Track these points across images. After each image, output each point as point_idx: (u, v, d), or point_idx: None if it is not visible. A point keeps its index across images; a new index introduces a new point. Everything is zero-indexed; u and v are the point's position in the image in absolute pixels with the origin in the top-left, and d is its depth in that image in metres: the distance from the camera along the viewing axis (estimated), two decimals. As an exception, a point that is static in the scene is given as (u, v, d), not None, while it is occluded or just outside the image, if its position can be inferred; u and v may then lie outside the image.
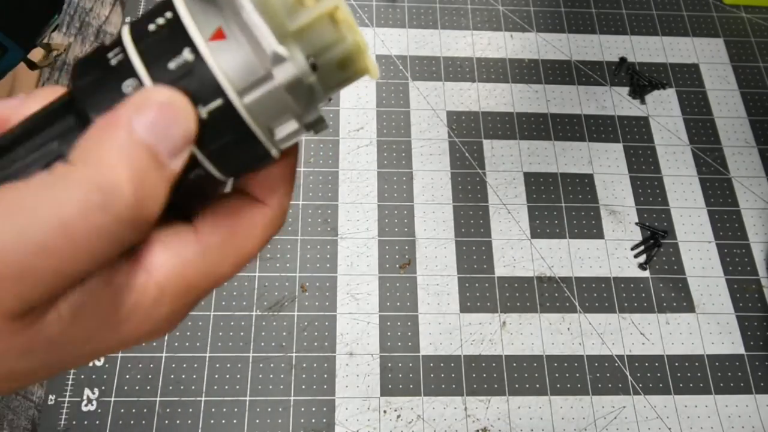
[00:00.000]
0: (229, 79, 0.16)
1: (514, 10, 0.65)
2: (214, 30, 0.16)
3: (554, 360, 0.50)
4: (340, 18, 0.17)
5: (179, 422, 0.46)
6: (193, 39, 0.16)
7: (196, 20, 0.16)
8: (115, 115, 0.15)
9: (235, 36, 0.16)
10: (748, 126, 0.61)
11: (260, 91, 0.16)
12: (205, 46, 0.16)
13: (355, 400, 0.48)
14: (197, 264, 0.17)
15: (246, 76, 0.16)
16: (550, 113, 0.60)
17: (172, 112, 0.15)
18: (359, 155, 0.57)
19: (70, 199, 0.14)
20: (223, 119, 0.16)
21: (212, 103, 0.16)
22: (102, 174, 0.14)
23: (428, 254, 0.53)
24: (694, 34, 0.65)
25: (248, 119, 0.16)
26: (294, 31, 0.16)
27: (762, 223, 0.56)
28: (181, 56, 0.16)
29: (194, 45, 0.16)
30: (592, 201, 0.56)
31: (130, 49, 0.16)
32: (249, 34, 0.16)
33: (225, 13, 0.16)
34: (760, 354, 0.51)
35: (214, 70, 0.16)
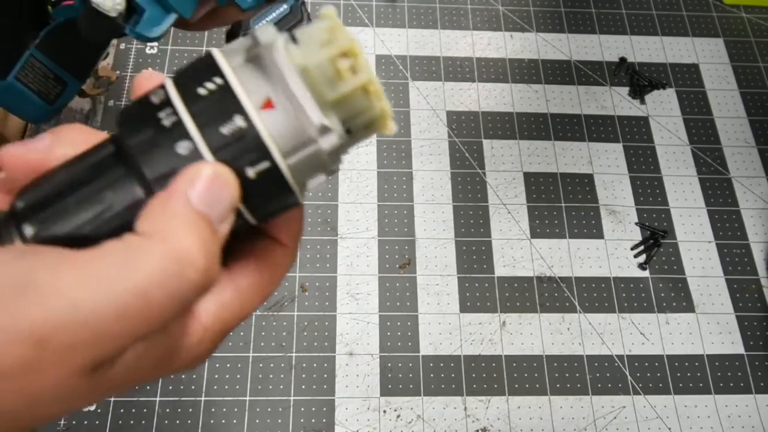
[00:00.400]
0: (276, 143, 0.18)
1: (514, 10, 0.65)
2: (264, 99, 0.17)
3: (554, 360, 0.50)
4: (372, 90, 0.18)
5: (179, 422, 0.46)
6: (246, 108, 0.17)
7: (245, 88, 0.17)
8: (172, 188, 0.17)
9: (282, 105, 0.17)
10: (748, 126, 0.61)
11: (302, 154, 0.18)
12: (256, 114, 0.17)
13: (355, 400, 0.48)
14: (233, 305, 0.19)
15: (291, 141, 0.18)
16: (550, 113, 0.60)
17: (219, 183, 0.17)
18: (359, 155, 0.57)
19: (149, 270, 0.15)
20: (268, 178, 0.18)
21: (260, 165, 0.18)
22: (175, 246, 0.16)
23: (428, 254, 0.53)
24: (694, 34, 0.65)
25: (290, 179, 0.18)
26: (332, 100, 0.18)
27: (762, 223, 0.57)
28: (233, 122, 0.17)
29: (246, 113, 0.17)
30: (592, 201, 0.56)
31: (182, 113, 0.17)
32: (296, 104, 0.17)
33: (272, 81, 0.18)
34: (760, 354, 0.51)
35: (264, 137, 0.17)
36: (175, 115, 0.17)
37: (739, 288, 0.54)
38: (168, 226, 0.16)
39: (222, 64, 0.18)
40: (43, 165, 0.19)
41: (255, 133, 0.17)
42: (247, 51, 0.18)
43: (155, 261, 0.16)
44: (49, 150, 0.19)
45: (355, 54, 0.18)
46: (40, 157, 0.19)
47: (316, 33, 0.18)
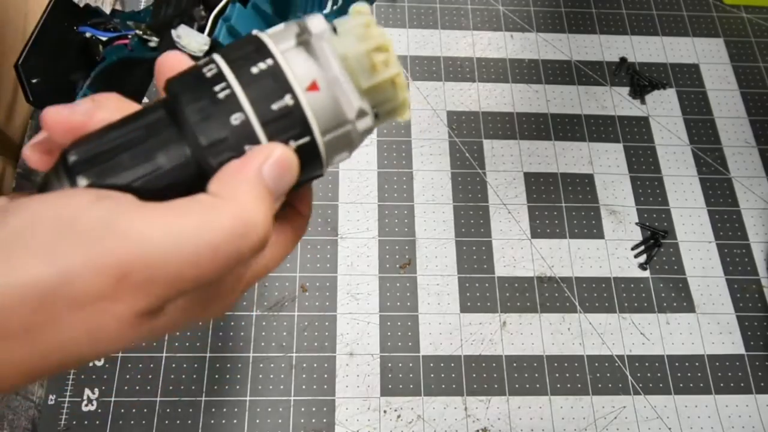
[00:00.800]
0: (318, 121, 0.20)
1: (514, 10, 0.65)
2: (310, 81, 0.20)
3: (554, 360, 0.50)
4: (399, 82, 0.21)
5: (179, 422, 0.46)
6: (294, 88, 0.20)
7: (294, 71, 0.20)
8: (250, 161, 0.19)
9: (326, 88, 0.20)
10: (748, 126, 0.61)
11: (337, 132, 0.21)
12: (303, 95, 0.20)
13: (355, 400, 0.48)
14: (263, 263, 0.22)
15: (330, 121, 0.20)
16: (550, 113, 0.60)
17: (287, 165, 0.19)
18: (359, 155, 0.57)
19: (221, 227, 0.18)
20: (305, 152, 0.20)
21: (301, 140, 0.20)
22: (245, 210, 0.18)
23: (428, 254, 0.53)
24: (694, 34, 0.65)
25: (323, 153, 0.21)
26: (366, 88, 0.20)
27: (762, 223, 0.56)
28: (283, 100, 0.19)
29: (294, 93, 0.19)
30: (592, 201, 0.56)
31: (236, 87, 0.19)
32: (339, 89, 0.20)
33: (318, 66, 0.20)
34: (760, 354, 0.51)
35: (308, 116, 0.20)
36: (228, 89, 0.19)
37: (740, 288, 0.54)
38: (241, 192, 0.18)
39: (272, 48, 0.20)
40: (84, 127, 0.20)
41: (300, 111, 0.20)
42: (297, 36, 0.20)
43: (227, 220, 0.18)
44: (91, 113, 0.20)
45: (388, 49, 0.21)
46: (82, 119, 0.20)
47: (354, 27, 0.21)
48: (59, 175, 0.19)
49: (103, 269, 0.16)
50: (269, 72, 0.19)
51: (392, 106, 0.21)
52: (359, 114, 0.20)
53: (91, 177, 0.19)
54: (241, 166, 0.19)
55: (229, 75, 0.19)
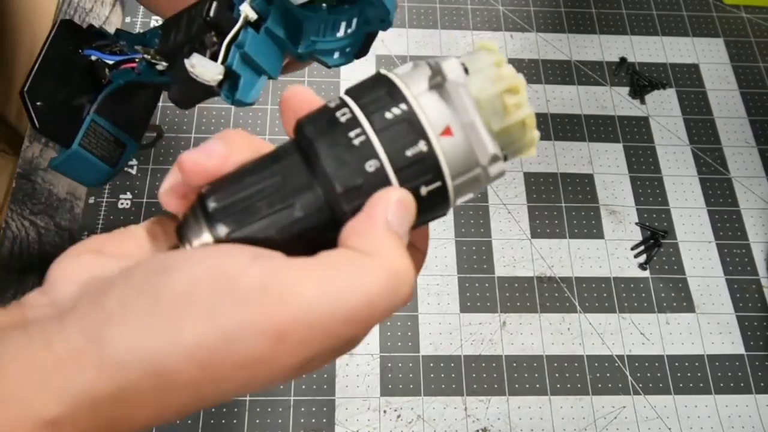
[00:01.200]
0: (450, 167, 0.20)
1: (514, 10, 0.65)
2: (444, 127, 0.20)
3: (554, 360, 0.50)
4: (529, 123, 0.21)
5: (179, 422, 0.46)
6: (429, 135, 0.19)
7: (428, 116, 0.20)
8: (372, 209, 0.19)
9: (459, 133, 0.20)
10: (748, 126, 0.61)
11: (467, 176, 0.20)
12: (437, 141, 0.20)
13: (355, 400, 0.48)
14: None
15: (461, 166, 0.20)
16: (550, 113, 0.60)
17: (406, 207, 0.19)
18: (359, 155, 0.57)
19: (377, 283, 0.18)
20: (435, 196, 0.20)
21: (433, 185, 0.20)
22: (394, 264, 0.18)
23: (428, 254, 0.53)
24: (694, 34, 0.65)
25: (452, 197, 0.21)
26: (497, 131, 0.20)
27: (762, 223, 0.57)
28: (417, 146, 0.19)
29: (429, 139, 0.19)
30: (592, 201, 0.56)
31: (371, 134, 0.19)
32: (474, 134, 0.20)
33: (452, 111, 0.20)
34: (760, 354, 0.51)
35: (441, 162, 0.20)
36: (364, 135, 0.19)
37: (740, 288, 0.54)
38: (380, 245, 0.19)
39: (405, 92, 0.20)
40: (219, 171, 0.20)
41: (434, 158, 0.20)
42: (430, 80, 0.20)
43: (381, 276, 0.18)
44: (226, 157, 0.20)
45: (519, 90, 0.20)
46: (218, 163, 0.20)
47: (484, 67, 0.20)
48: (198, 220, 0.20)
49: (263, 332, 0.17)
50: (404, 117, 0.19)
51: (521, 146, 0.21)
52: (492, 159, 0.20)
53: (231, 225, 0.19)
54: (369, 216, 0.19)
55: (364, 121, 0.20)
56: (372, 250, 0.18)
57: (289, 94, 0.22)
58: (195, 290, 0.17)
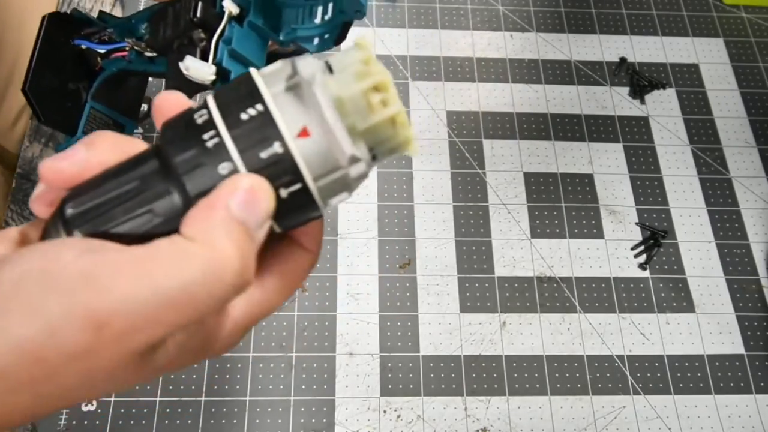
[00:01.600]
0: (309, 168, 0.19)
1: (514, 10, 0.65)
2: (300, 128, 0.19)
3: (554, 360, 0.50)
4: (399, 121, 0.20)
5: (179, 422, 0.46)
6: (284, 136, 0.19)
7: (284, 116, 0.19)
8: (215, 197, 0.19)
9: (317, 133, 0.19)
10: (748, 126, 0.61)
11: (331, 178, 0.20)
12: (293, 142, 0.19)
13: (355, 400, 0.48)
14: (261, 303, 0.21)
15: (322, 167, 0.19)
16: (550, 113, 0.60)
17: (256, 194, 0.19)
18: (359, 155, 0.57)
19: (193, 270, 0.17)
20: (298, 198, 0.20)
21: (293, 187, 0.19)
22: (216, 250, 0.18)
23: (428, 254, 0.53)
24: (694, 34, 0.65)
25: (318, 198, 0.20)
26: (362, 130, 0.20)
27: (762, 223, 0.57)
28: (272, 148, 0.19)
29: (284, 141, 0.19)
30: (592, 201, 0.56)
31: (225, 136, 0.19)
32: (330, 135, 0.19)
33: (309, 111, 0.19)
34: (760, 354, 0.51)
35: (299, 163, 0.19)
36: (218, 137, 0.19)
37: (740, 288, 0.54)
38: (210, 232, 0.18)
39: (264, 92, 0.19)
40: (81, 176, 0.20)
41: (291, 159, 0.19)
42: (287, 80, 0.19)
43: (198, 263, 0.18)
44: (86, 162, 0.20)
45: (387, 88, 0.20)
46: (78, 169, 0.20)
47: (351, 64, 0.20)
48: (57, 227, 0.19)
49: (83, 321, 0.17)
50: (259, 118, 0.19)
51: (393, 145, 0.21)
52: (351, 161, 0.19)
53: (86, 231, 0.19)
54: (209, 204, 0.19)
55: (219, 122, 0.19)
56: (198, 237, 0.18)
57: (159, 101, 0.21)
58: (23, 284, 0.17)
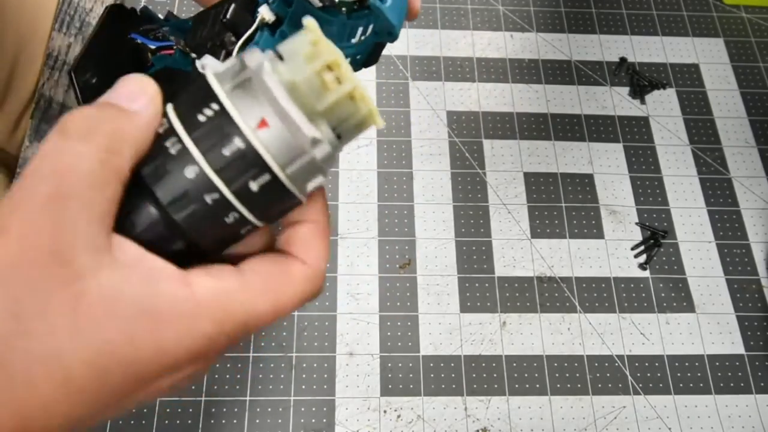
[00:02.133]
0: (274, 158, 0.19)
1: (514, 10, 0.65)
2: (258, 120, 0.19)
3: (554, 360, 0.50)
4: (357, 95, 0.20)
5: (179, 422, 0.46)
6: (243, 130, 0.19)
7: (240, 111, 0.19)
8: None
9: (276, 122, 0.19)
10: (748, 126, 0.61)
11: (299, 163, 0.20)
12: (253, 135, 0.19)
13: (355, 400, 0.48)
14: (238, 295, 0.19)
15: (287, 154, 0.19)
16: (550, 113, 0.60)
17: None
18: (359, 155, 0.57)
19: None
20: (270, 188, 0.20)
21: (261, 178, 0.19)
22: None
23: (428, 254, 0.53)
24: (694, 34, 0.65)
25: (290, 186, 0.20)
26: (321, 111, 0.19)
27: (762, 223, 0.57)
28: (233, 144, 0.19)
29: (244, 135, 0.19)
30: (592, 201, 0.56)
31: (186, 140, 0.19)
32: (289, 121, 0.19)
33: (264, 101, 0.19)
34: (760, 354, 0.51)
35: (263, 154, 0.19)
36: (180, 143, 0.19)
37: (740, 288, 0.54)
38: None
39: (217, 90, 0.19)
40: None
41: (254, 152, 0.19)
42: (238, 75, 0.19)
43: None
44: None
45: (339, 65, 0.19)
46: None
47: (300, 47, 0.19)
48: None
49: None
50: (216, 117, 0.19)
51: (357, 120, 0.20)
52: (313, 143, 0.19)
53: None
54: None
55: (179, 127, 0.19)
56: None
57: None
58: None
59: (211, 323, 0.18)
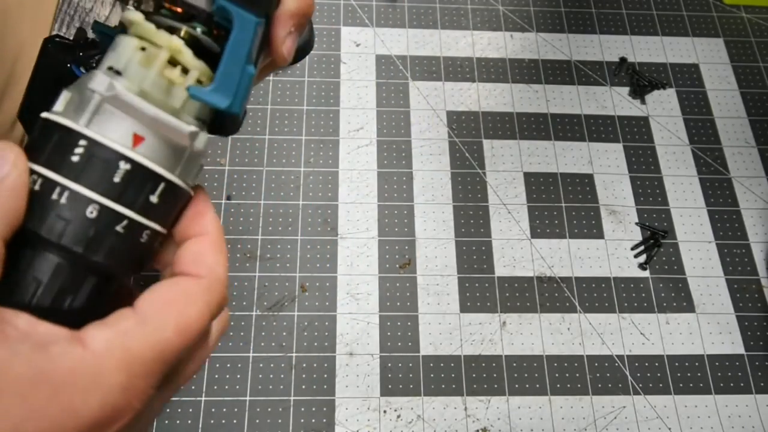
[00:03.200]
0: (163, 166, 0.19)
1: (514, 10, 0.65)
2: (132, 137, 0.19)
3: (554, 360, 0.50)
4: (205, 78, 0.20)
5: (179, 422, 0.46)
6: (123, 153, 0.19)
7: (110, 137, 0.19)
8: None
9: (148, 134, 0.19)
10: (748, 126, 0.61)
11: (184, 161, 0.20)
12: (133, 153, 0.19)
13: (355, 400, 0.48)
14: (137, 333, 0.18)
15: (172, 157, 0.20)
16: (550, 113, 0.60)
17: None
18: (359, 155, 0.57)
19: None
20: (169, 194, 0.20)
21: (159, 188, 0.19)
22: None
23: (428, 254, 0.53)
24: (694, 34, 0.65)
25: (183, 185, 0.20)
26: (181, 107, 0.20)
27: (762, 223, 0.56)
28: (120, 169, 0.19)
29: (126, 156, 0.19)
30: (592, 201, 0.56)
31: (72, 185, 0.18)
32: (161, 127, 0.19)
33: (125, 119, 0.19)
34: (760, 354, 0.51)
35: (152, 167, 0.19)
36: (66, 190, 0.18)
37: (739, 288, 0.54)
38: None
39: (77, 127, 0.19)
40: None
41: (143, 168, 0.19)
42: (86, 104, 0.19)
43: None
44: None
45: (179, 52, 0.20)
46: None
47: (131, 54, 0.19)
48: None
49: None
50: (89, 151, 0.18)
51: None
52: (191, 138, 0.20)
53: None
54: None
55: (56, 177, 0.18)
56: None
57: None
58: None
59: (117, 371, 0.17)
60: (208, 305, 0.20)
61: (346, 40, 0.62)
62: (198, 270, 0.20)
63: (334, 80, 0.60)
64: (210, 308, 0.20)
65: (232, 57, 0.20)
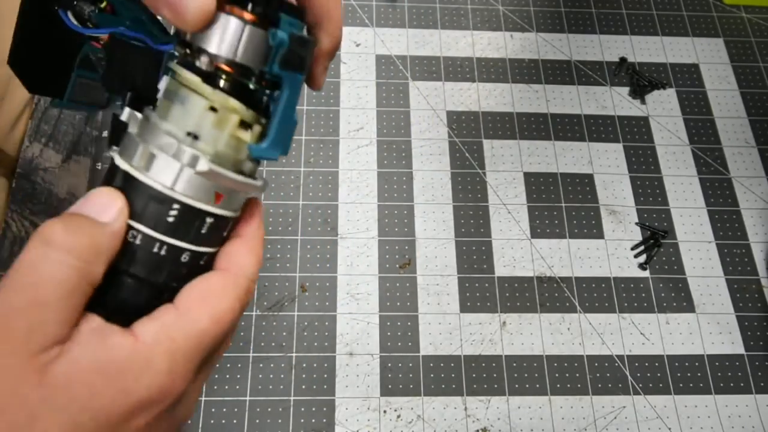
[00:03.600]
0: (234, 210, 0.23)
1: (514, 10, 0.65)
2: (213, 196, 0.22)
3: (554, 360, 0.50)
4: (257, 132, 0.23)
5: (179, 422, 0.46)
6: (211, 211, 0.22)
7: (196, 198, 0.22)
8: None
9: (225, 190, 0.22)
10: (748, 126, 0.61)
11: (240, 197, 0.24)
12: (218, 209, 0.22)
13: (355, 400, 0.48)
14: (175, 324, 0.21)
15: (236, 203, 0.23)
16: (550, 113, 0.60)
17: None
18: (359, 155, 0.57)
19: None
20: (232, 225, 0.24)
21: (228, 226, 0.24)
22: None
23: (428, 254, 0.53)
24: (694, 34, 0.65)
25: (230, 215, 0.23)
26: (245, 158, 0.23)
27: (762, 223, 0.56)
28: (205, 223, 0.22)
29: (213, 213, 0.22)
30: (592, 201, 0.56)
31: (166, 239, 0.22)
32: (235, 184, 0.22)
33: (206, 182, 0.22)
34: (760, 354, 0.51)
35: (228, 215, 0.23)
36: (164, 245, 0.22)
37: (739, 288, 0.54)
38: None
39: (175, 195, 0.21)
40: None
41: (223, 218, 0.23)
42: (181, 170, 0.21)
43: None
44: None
45: (236, 110, 0.22)
46: None
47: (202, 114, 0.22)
48: None
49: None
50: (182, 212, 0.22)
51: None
52: (263, 188, 0.23)
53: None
54: None
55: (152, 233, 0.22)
56: None
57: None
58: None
59: (162, 357, 0.21)
60: (238, 298, 0.23)
61: (346, 40, 0.62)
62: (229, 265, 0.23)
63: (334, 80, 0.60)
64: (240, 302, 0.23)
65: (284, 114, 0.23)
